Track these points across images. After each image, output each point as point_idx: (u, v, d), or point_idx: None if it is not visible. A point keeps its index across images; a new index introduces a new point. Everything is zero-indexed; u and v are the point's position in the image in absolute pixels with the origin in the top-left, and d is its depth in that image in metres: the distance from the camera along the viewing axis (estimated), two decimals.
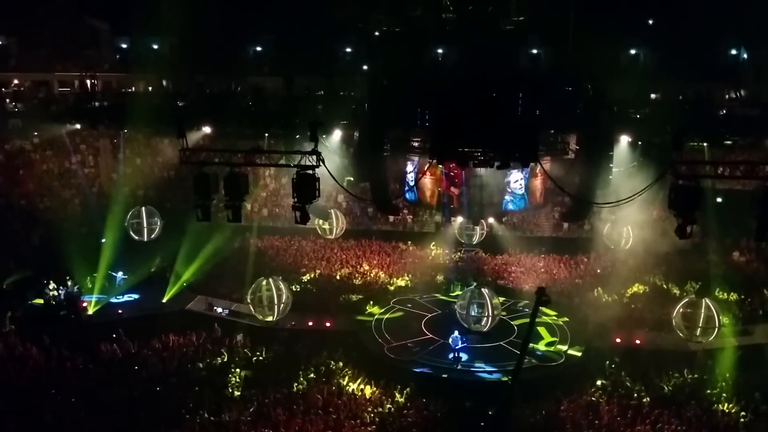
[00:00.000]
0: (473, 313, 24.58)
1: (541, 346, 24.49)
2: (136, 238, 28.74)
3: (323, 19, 26.50)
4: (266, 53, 27.98)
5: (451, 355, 23.36)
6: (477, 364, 22.98)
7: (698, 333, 23.14)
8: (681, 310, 23.42)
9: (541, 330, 25.95)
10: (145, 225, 28.40)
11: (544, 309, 27.67)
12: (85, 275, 28.15)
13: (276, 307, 24.62)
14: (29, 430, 17.89)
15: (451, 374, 22.60)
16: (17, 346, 22.40)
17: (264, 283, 24.78)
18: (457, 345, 23.33)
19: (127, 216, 28.27)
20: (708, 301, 23.17)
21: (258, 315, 24.86)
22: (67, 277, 27.25)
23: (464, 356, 23.41)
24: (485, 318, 24.37)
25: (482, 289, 24.77)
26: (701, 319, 23.01)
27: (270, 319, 24.83)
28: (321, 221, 30.87)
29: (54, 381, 20.50)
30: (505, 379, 21.45)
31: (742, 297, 27.72)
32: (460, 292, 27.86)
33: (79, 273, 27.95)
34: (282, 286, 25.09)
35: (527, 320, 26.60)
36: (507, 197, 26.16)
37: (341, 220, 31.81)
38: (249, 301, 24.91)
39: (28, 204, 32.41)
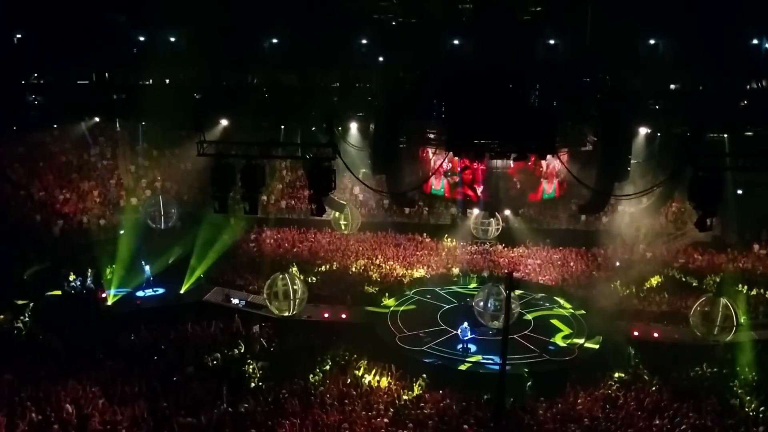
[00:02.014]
0: (491, 309, 24.41)
1: (558, 339, 24.41)
2: (153, 226, 28.98)
3: (338, 11, 26.40)
4: (282, 45, 27.92)
5: (459, 346, 23.36)
6: (488, 356, 22.94)
7: (716, 332, 22.96)
8: (699, 308, 23.21)
9: (558, 323, 25.90)
10: (162, 213, 28.68)
11: (561, 302, 27.83)
12: (105, 267, 28.40)
13: (292, 302, 24.78)
14: (49, 419, 18.13)
15: (461, 365, 22.63)
16: (38, 336, 22.74)
17: (280, 277, 24.89)
18: (466, 336, 23.30)
19: (145, 205, 28.61)
20: (726, 299, 22.92)
21: (274, 310, 25.00)
22: (87, 269, 27.58)
23: (473, 347, 23.38)
24: (503, 314, 24.15)
25: (500, 286, 24.46)
26: (719, 318, 22.82)
27: (286, 314, 24.96)
28: (337, 214, 30.88)
29: (74, 371, 20.76)
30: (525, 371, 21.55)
31: (762, 290, 27.36)
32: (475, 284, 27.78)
33: (98, 264, 28.27)
34: (298, 281, 25.16)
35: (542, 312, 26.80)
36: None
37: (357, 216, 31.79)
38: (265, 296, 25.03)
39: (48, 196, 32.81)
